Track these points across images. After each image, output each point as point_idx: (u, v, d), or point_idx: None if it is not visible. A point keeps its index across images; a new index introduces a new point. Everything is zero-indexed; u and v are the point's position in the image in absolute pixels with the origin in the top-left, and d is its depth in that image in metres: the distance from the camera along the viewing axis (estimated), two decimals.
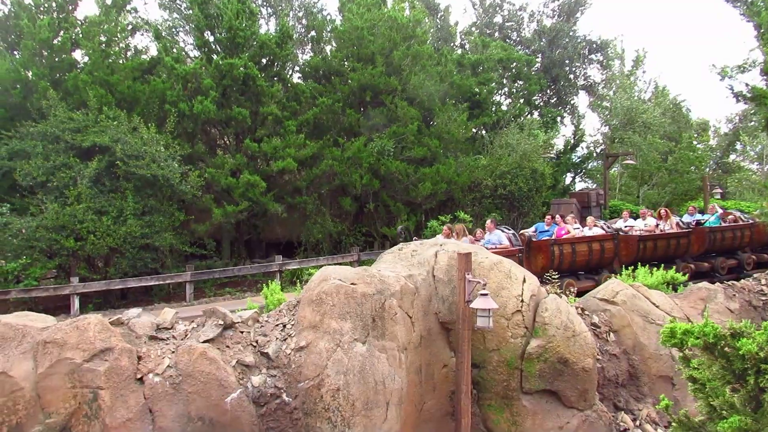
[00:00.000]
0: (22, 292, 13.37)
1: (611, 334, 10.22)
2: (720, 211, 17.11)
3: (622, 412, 9.52)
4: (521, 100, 26.05)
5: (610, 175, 28.20)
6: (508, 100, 26.94)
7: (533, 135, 22.17)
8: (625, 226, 15.05)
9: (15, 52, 16.21)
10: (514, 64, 26.03)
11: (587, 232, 14.05)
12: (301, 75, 21.75)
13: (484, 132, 24.47)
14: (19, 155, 14.32)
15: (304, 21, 22.76)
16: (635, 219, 16.04)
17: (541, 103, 28.46)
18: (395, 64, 20.24)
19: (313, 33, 22.40)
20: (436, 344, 8.65)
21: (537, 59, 28.27)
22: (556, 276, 11.43)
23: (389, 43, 20.20)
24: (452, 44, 28.00)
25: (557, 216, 15.02)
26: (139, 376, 6.88)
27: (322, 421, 6.95)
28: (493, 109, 24.64)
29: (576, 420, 8.64)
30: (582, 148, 30.29)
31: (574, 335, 8.70)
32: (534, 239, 13.19)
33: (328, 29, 22.15)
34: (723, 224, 16.11)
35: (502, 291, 8.72)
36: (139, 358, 7.02)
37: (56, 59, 16.23)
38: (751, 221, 16.35)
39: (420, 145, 19.53)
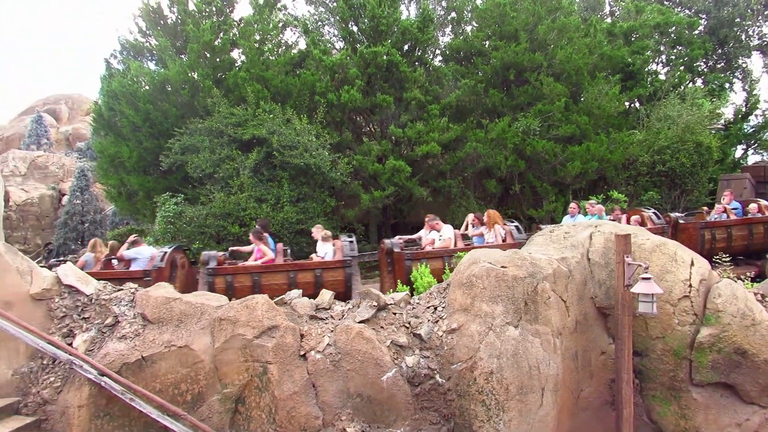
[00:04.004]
0: None
1: None
2: (599, 207, 12.90)
3: None
4: (682, 68, 23.76)
5: None
6: (666, 69, 24.71)
7: (697, 105, 20.18)
8: (417, 238, 11.99)
9: (182, 56, 17.78)
10: (673, 28, 23.79)
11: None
12: (442, 58, 21.61)
13: (638, 105, 22.74)
14: (189, 150, 15.75)
15: (444, 3, 22.56)
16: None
17: (706, 69, 25.76)
18: (540, 39, 19.40)
19: (453, 14, 22.15)
20: (593, 330, 8.25)
21: (700, 20, 25.59)
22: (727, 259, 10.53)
23: (533, 17, 19.41)
24: (601, 13, 26.26)
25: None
26: (302, 352, 7.34)
27: (476, 404, 6.94)
28: (649, 79, 22.76)
29: (757, 417, 7.81)
30: (756, 116, 27.00)
31: (754, 324, 7.84)
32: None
33: (469, 9, 21.78)
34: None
35: (667, 275, 8.08)
36: (302, 336, 7.48)
37: (217, 59, 17.57)
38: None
39: (568, 123, 18.58)
